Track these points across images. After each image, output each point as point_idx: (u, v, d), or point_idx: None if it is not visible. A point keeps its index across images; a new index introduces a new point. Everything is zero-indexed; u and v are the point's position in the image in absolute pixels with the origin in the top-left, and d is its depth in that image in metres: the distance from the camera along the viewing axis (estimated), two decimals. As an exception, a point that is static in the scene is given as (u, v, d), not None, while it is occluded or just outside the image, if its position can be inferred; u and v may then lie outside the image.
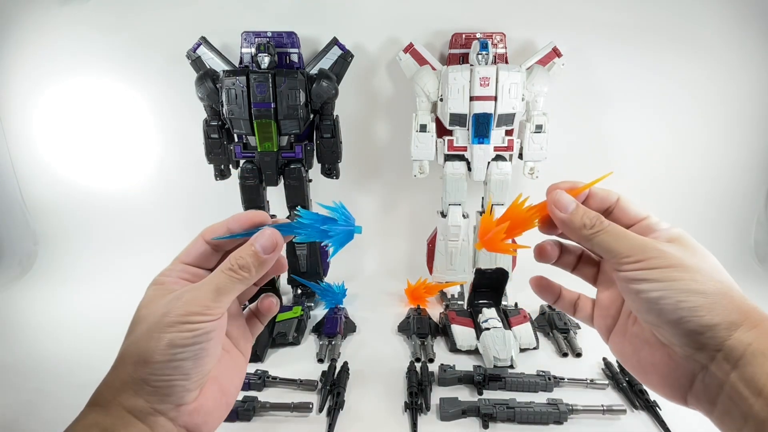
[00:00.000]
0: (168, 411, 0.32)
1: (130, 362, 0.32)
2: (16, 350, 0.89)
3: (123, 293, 1.06)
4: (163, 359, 0.31)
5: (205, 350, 0.33)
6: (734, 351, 0.30)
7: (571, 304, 0.42)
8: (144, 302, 0.34)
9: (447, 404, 0.69)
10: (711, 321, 0.30)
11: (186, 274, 0.36)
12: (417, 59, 0.96)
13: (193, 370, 0.32)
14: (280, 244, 0.35)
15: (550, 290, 0.42)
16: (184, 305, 0.32)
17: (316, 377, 0.76)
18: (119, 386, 0.32)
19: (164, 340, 0.31)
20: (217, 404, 0.36)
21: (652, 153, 1.15)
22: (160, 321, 0.32)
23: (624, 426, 0.67)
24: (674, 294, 0.31)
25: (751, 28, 1.07)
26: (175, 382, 0.32)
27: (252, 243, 0.34)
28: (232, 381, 0.38)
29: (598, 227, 0.34)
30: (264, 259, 0.34)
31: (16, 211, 1.21)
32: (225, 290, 0.33)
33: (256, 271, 0.34)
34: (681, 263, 0.31)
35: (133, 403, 0.32)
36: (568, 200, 0.36)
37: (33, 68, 1.08)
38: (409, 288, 1.04)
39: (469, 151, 0.92)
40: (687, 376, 0.32)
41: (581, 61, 1.05)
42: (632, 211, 0.37)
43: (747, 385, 0.29)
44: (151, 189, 1.17)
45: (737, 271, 1.13)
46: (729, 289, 0.31)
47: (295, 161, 0.93)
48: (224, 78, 0.85)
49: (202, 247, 0.37)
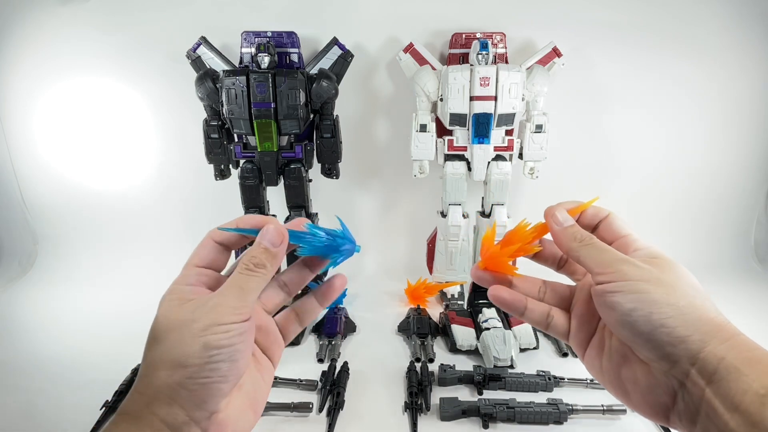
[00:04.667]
0: (201, 420, 0.32)
1: (163, 368, 0.31)
2: (16, 350, 0.89)
3: (123, 293, 1.07)
4: (200, 362, 0.31)
5: (239, 351, 0.33)
6: (708, 365, 0.30)
7: (543, 318, 0.40)
8: (162, 311, 0.34)
9: (447, 404, 0.69)
10: (682, 333, 0.31)
11: (203, 277, 0.36)
12: (417, 59, 0.96)
13: (229, 372, 0.32)
14: (286, 237, 0.36)
15: (511, 304, 0.40)
16: (212, 310, 0.33)
17: (316, 377, 0.76)
18: (152, 394, 0.31)
19: (199, 343, 0.31)
20: (245, 414, 0.36)
21: (652, 153, 1.15)
22: (190, 327, 0.32)
23: (624, 426, 0.67)
24: (645, 306, 0.32)
25: (751, 28, 1.07)
26: (213, 385, 0.32)
27: (260, 241, 0.36)
28: (259, 389, 0.38)
29: (587, 241, 0.36)
30: (275, 252, 0.36)
31: (16, 211, 1.21)
32: (248, 289, 0.34)
33: (270, 266, 0.35)
34: (655, 278, 0.33)
35: (168, 412, 0.31)
36: (566, 216, 0.38)
37: (33, 68, 1.08)
38: (409, 288, 1.04)
39: (469, 151, 0.92)
40: (668, 394, 0.32)
41: (581, 61, 1.05)
42: (616, 228, 0.38)
43: (722, 401, 0.29)
44: (151, 189, 1.17)
45: (737, 271, 1.16)
46: (702, 304, 0.32)
47: (295, 161, 0.93)
48: (224, 78, 0.85)
49: (213, 248, 0.37)
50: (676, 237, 1.17)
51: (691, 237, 1.20)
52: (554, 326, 0.40)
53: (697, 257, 1.02)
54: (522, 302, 0.40)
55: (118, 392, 0.72)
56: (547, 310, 0.40)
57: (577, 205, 0.39)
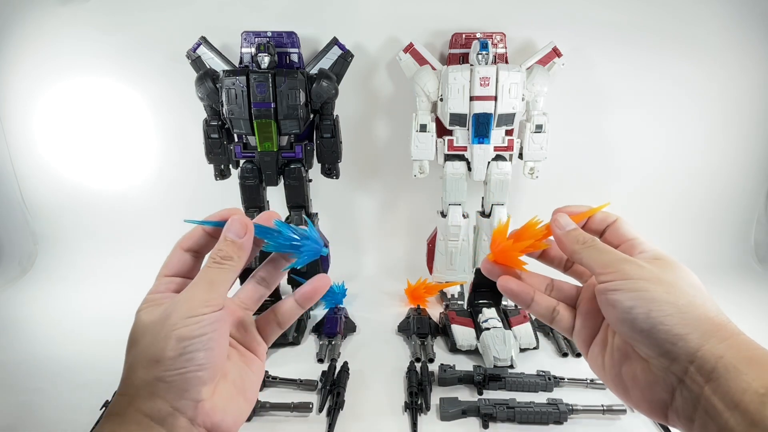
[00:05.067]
0: (187, 409, 0.32)
1: (140, 367, 0.32)
2: (16, 350, 0.89)
3: (123, 293, 1.06)
4: (175, 354, 0.32)
5: (213, 340, 0.33)
6: (706, 363, 0.30)
7: (548, 312, 0.40)
8: (137, 320, 0.34)
9: (447, 404, 0.69)
10: (681, 331, 0.31)
11: (173, 285, 0.37)
12: (417, 59, 0.96)
13: (206, 360, 0.33)
14: (250, 227, 0.37)
15: (519, 294, 0.40)
16: (184, 304, 0.33)
17: (316, 377, 0.76)
18: (133, 392, 0.32)
19: (173, 337, 0.32)
20: (234, 402, 0.36)
21: (652, 153, 1.15)
22: (162, 325, 0.32)
23: (624, 426, 0.67)
24: (645, 303, 0.32)
25: (751, 28, 1.07)
26: (190, 374, 0.32)
27: (225, 234, 0.36)
28: (248, 378, 0.38)
29: (590, 243, 0.37)
30: (240, 243, 0.36)
31: (16, 211, 1.21)
32: (217, 281, 0.35)
33: (237, 257, 0.36)
34: (656, 277, 0.33)
35: (151, 406, 0.32)
36: (569, 221, 0.39)
37: (33, 68, 1.08)
38: (409, 288, 1.04)
39: (469, 151, 0.92)
40: (667, 391, 0.33)
41: (581, 61, 1.05)
42: (623, 232, 0.39)
43: (722, 399, 0.29)
44: (151, 189, 1.17)
45: (737, 271, 1.16)
46: (702, 303, 0.33)
47: (295, 161, 0.93)
48: (224, 78, 0.85)
49: (182, 257, 0.38)
50: (675, 237, 1.17)
51: (691, 237, 1.20)
52: (559, 321, 0.40)
53: (697, 257, 1.02)
54: (530, 294, 0.40)
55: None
56: (554, 305, 0.40)
57: (586, 210, 0.40)
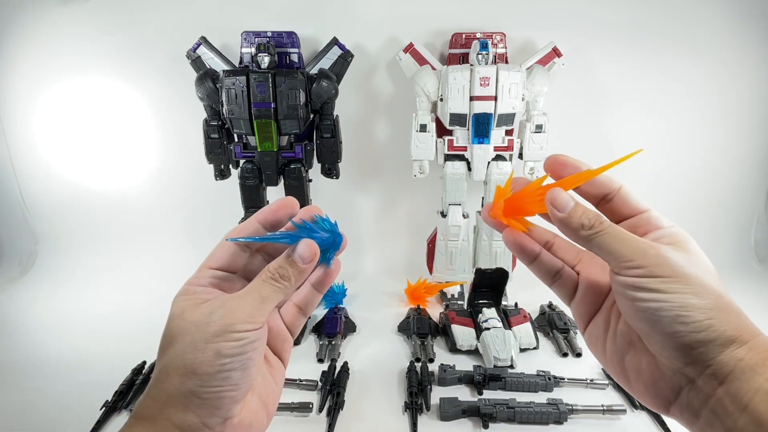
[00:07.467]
0: (215, 425, 0.32)
1: (176, 374, 0.31)
2: (16, 350, 0.89)
3: (123, 293, 1.07)
4: (212, 370, 0.31)
5: (251, 360, 0.32)
6: (724, 367, 0.29)
7: (551, 273, 0.37)
8: (176, 312, 0.33)
9: (447, 404, 0.69)
10: (707, 337, 0.29)
11: (216, 280, 0.36)
12: (417, 59, 0.96)
13: (241, 380, 0.32)
14: (317, 254, 0.35)
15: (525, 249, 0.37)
16: (228, 314, 0.32)
17: (316, 377, 0.76)
18: (165, 399, 0.31)
19: (211, 351, 0.31)
20: (259, 416, 0.35)
21: (652, 153, 1.15)
22: (204, 331, 0.31)
23: (624, 426, 0.67)
24: (674, 308, 0.29)
25: (751, 28, 1.07)
26: (224, 394, 0.32)
27: (292, 254, 0.34)
28: (271, 390, 0.37)
29: (598, 228, 0.32)
30: (303, 268, 0.34)
31: (16, 211, 1.21)
32: (267, 298, 0.33)
33: (295, 281, 0.34)
34: (683, 273, 0.30)
35: (182, 418, 0.31)
36: (566, 199, 0.34)
37: (33, 68, 1.08)
38: (409, 288, 1.04)
39: (469, 151, 0.92)
40: (673, 389, 0.31)
41: (581, 61, 1.05)
42: (633, 202, 0.35)
43: (732, 400, 0.28)
44: (151, 189, 1.17)
45: (737, 271, 1.16)
46: (727, 304, 0.30)
47: (295, 161, 0.93)
48: (224, 78, 0.85)
49: (229, 250, 0.36)
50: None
51: (691, 236, 1.19)
52: (560, 285, 0.37)
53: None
54: (536, 249, 0.37)
55: (118, 392, 0.72)
56: (560, 266, 0.37)
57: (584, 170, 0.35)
